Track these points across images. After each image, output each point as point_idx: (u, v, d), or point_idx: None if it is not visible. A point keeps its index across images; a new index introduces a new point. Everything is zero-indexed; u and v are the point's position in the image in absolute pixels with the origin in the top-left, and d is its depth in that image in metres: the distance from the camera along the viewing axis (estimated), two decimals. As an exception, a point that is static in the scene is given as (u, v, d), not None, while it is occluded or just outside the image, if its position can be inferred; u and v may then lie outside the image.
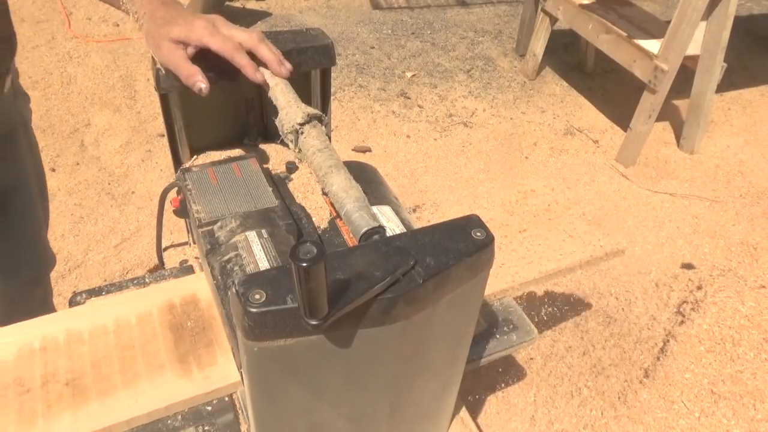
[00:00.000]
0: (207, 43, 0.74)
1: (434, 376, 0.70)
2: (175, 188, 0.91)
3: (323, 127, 0.75)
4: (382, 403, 0.66)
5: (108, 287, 0.91)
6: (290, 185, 0.85)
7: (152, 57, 0.80)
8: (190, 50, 0.75)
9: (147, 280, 0.93)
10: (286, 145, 0.76)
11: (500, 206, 1.14)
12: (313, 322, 0.47)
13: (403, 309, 0.53)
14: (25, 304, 1.23)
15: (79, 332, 0.77)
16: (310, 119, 0.73)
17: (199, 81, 0.73)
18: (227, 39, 0.75)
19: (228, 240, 0.73)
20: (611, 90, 3.35)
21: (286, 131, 0.74)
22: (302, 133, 0.73)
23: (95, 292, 0.90)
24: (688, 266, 2.10)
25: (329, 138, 0.87)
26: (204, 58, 0.75)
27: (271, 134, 1.00)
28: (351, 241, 0.75)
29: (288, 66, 0.79)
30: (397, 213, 0.80)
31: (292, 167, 0.89)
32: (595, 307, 1.80)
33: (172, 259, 1.04)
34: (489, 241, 0.59)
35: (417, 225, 0.73)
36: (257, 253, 0.70)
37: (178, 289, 0.85)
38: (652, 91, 2.55)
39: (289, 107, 0.75)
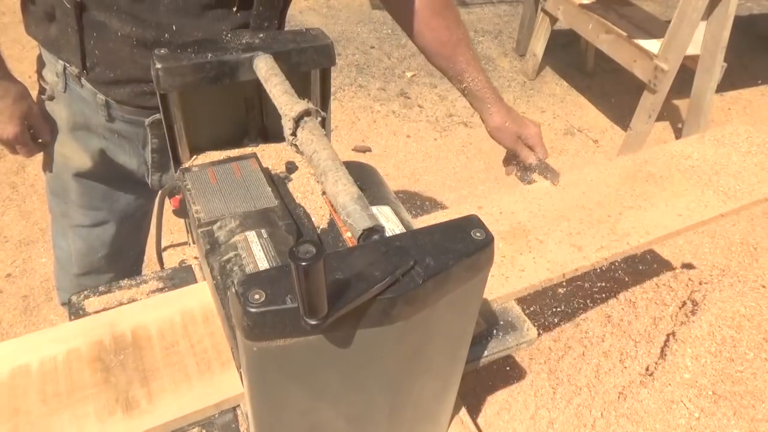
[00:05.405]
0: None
1: (434, 376, 0.69)
2: (174, 188, 0.91)
3: (319, 124, 0.75)
4: (381, 403, 0.66)
5: (107, 287, 0.91)
6: (290, 185, 0.85)
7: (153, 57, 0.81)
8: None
9: (146, 280, 0.93)
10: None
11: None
12: (313, 322, 0.47)
13: (403, 309, 0.53)
14: None
15: (78, 349, 0.77)
16: (298, 123, 0.73)
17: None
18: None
19: (227, 240, 0.73)
20: (611, 90, 3.35)
21: (288, 142, 0.74)
22: (297, 140, 0.73)
23: (94, 293, 0.90)
24: (688, 266, 2.10)
25: (329, 138, 0.87)
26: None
27: (271, 134, 1.00)
28: (350, 241, 0.75)
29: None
30: (397, 213, 0.79)
31: (291, 167, 0.89)
32: (595, 307, 1.80)
33: (171, 259, 1.03)
34: (488, 241, 0.59)
35: (416, 225, 0.73)
36: (257, 253, 0.70)
37: (178, 300, 0.84)
38: (652, 91, 2.55)
39: (282, 114, 0.74)
